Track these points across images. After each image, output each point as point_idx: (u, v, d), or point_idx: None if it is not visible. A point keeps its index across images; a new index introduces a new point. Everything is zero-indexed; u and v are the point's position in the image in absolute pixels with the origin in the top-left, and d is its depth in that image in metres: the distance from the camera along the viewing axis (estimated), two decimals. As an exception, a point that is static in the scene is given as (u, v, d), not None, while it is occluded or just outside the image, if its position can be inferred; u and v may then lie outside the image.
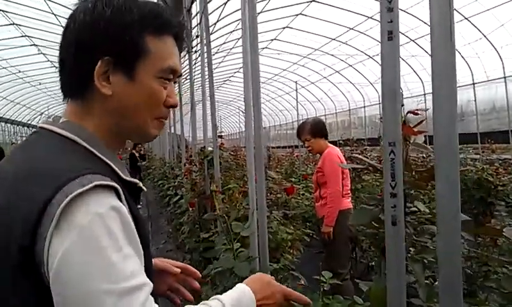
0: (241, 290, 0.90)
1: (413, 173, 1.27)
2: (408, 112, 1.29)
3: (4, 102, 24.14)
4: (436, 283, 1.44)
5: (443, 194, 0.85)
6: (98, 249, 0.65)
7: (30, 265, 0.66)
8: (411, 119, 1.36)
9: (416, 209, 1.37)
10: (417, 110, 1.28)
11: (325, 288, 1.60)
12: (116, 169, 0.79)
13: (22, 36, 14.34)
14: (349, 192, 3.76)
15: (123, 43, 0.78)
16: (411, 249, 1.35)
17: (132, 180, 0.82)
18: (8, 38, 14.10)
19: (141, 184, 0.85)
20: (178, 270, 1.07)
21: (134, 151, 11.17)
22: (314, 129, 3.81)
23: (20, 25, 13.40)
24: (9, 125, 28.43)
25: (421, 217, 1.40)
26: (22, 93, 23.30)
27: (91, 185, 0.67)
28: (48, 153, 0.75)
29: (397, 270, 1.03)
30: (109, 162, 0.78)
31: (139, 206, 1.13)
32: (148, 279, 0.70)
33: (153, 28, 0.81)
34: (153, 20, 0.81)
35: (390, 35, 1.02)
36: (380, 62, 1.03)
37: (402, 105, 1.22)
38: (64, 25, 0.82)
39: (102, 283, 0.63)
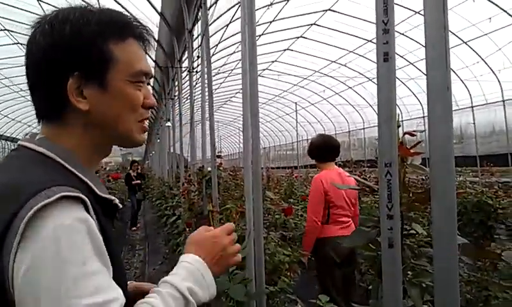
0: (185, 262, 0.85)
1: (411, 195, 1.25)
2: (405, 133, 1.28)
3: (5, 120, 24.24)
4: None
5: (439, 216, 0.83)
6: (62, 263, 0.62)
7: None
8: (409, 141, 1.35)
9: (414, 232, 1.36)
10: (414, 131, 1.28)
11: (322, 312, 1.56)
12: (92, 185, 0.78)
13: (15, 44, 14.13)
14: (343, 219, 3.33)
15: (89, 55, 0.77)
16: (409, 272, 1.32)
17: (108, 196, 0.80)
18: (12, 57, 14.08)
19: (116, 201, 0.83)
20: (149, 287, 0.98)
21: (130, 172, 11.12)
22: (309, 153, 3.66)
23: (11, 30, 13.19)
24: (9, 142, 28.51)
25: (421, 239, 1.39)
26: (23, 111, 23.35)
27: (56, 197, 0.65)
28: (20, 169, 0.74)
29: (394, 294, 1.00)
30: (84, 178, 0.77)
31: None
32: (117, 293, 0.67)
33: (114, 34, 0.80)
34: (112, 26, 0.80)
35: (385, 56, 1.02)
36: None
37: (399, 126, 1.22)
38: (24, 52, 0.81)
39: (64, 300, 0.61)
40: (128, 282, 1.00)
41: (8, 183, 0.71)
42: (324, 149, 3.49)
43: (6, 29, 13.01)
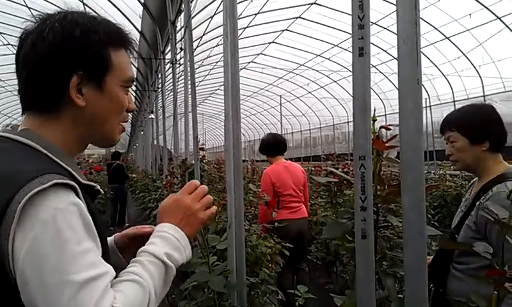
0: (158, 232, 0.90)
1: (386, 187, 1.28)
2: (381, 127, 1.30)
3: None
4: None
5: (408, 208, 0.86)
6: (61, 242, 0.69)
7: None
8: (386, 135, 1.38)
9: (388, 223, 1.38)
10: (390, 125, 1.30)
11: (300, 302, 1.59)
12: (74, 173, 0.83)
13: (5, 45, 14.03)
14: (292, 204, 3.90)
15: (94, 59, 0.85)
16: (384, 263, 1.35)
17: (89, 183, 0.87)
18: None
19: (98, 187, 0.89)
20: (150, 228, 1.05)
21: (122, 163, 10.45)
22: (260, 150, 4.24)
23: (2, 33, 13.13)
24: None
25: (400, 231, 1.41)
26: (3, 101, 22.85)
27: (50, 183, 0.71)
28: (8, 158, 0.78)
29: (367, 284, 1.03)
30: (67, 167, 0.82)
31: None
32: (108, 267, 0.76)
33: (114, 43, 0.89)
34: (115, 36, 0.90)
35: (361, 51, 1.04)
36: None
37: (375, 120, 1.24)
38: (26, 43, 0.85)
39: (66, 274, 0.68)
40: (130, 228, 1.12)
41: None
42: (272, 145, 4.09)
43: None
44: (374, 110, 1.22)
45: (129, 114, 0.97)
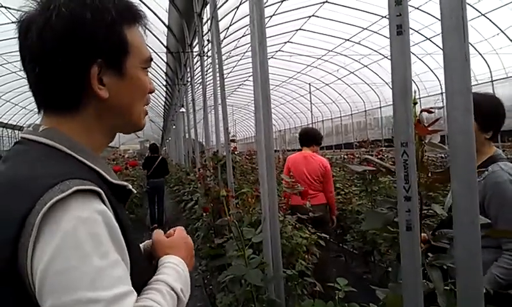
0: (171, 263, 0.86)
1: (429, 175, 1.20)
2: (422, 110, 1.22)
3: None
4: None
5: (459, 195, 0.79)
6: (83, 255, 0.62)
7: (12, 277, 0.64)
8: (427, 119, 1.29)
9: (433, 212, 1.31)
10: (432, 108, 1.22)
11: (340, 296, 1.53)
12: (103, 173, 0.76)
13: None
14: (301, 191, 3.92)
15: (110, 42, 0.76)
16: (429, 254, 1.28)
17: (121, 182, 0.79)
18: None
19: (130, 186, 0.82)
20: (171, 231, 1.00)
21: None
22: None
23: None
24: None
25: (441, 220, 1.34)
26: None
27: (71, 191, 0.64)
28: (28, 163, 0.72)
29: (413, 278, 0.96)
30: (95, 167, 0.75)
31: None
32: (131, 288, 0.68)
33: (128, 20, 0.80)
34: (127, 13, 0.80)
35: (399, 29, 0.96)
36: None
37: (416, 103, 1.16)
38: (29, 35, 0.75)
39: (88, 291, 0.61)
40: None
41: (17, 179, 0.69)
42: (300, 138, 4.62)
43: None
44: (415, 92, 1.14)
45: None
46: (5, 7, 11.82)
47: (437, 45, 15.38)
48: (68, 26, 0.73)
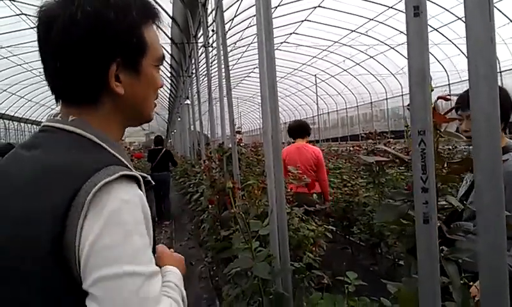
0: (171, 272, 0.89)
1: (445, 165, 1.15)
2: (438, 97, 1.17)
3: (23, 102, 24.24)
4: (472, 283, 1.33)
5: (483, 187, 0.74)
6: (126, 233, 0.68)
7: (60, 254, 0.68)
8: (440, 108, 1.24)
9: (447, 204, 1.26)
10: (449, 95, 1.16)
11: (350, 290, 1.49)
12: (127, 163, 0.81)
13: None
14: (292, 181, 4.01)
15: (130, 43, 0.80)
16: (443, 247, 1.23)
17: (143, 174, 0.83)
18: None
19: (149, 178, 0.85)
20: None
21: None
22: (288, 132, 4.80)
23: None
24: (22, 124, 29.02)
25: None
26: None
27: (117, 175, 0.70)
28: (63, 149, 0.76)
29: (430, 273, 0.92)
30: (120, 157, 0.81)
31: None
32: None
33: (145, 20, 0.83)
34: (145, 12, 0.83)
35: (416, 10, 0.91)
36: (405, 51, 0.92)
37: (432, 90, 1.11)
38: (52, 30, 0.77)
39: (131, 265, 0.66)
40: None
41: (58, 163, 0.73)
42: (292, 129, 4.76)
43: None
44: (430, 79, 1.09)
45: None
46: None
47: (444, 35, 15.19)
48: (93, 24, 0.75)
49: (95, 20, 0.75)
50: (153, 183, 0.89)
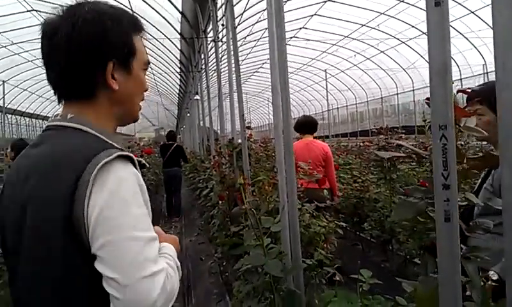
0: (166, 246, 0.98)
1: (465, 161, 1.11)
2: (458, 91, 1.13)
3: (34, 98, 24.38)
4: (489, 282, 1.29)
5: (511, 184, 0.70)
6: (127, 205, 0.81)
7: (73, 229, 0.80)
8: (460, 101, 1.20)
9: (465, 202, 1.22)
10: (469, 89, 1.12)
11: (364, 288, 1.46)
12: (121, 149, 0.93)
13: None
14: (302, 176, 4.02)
15: (124, 46, 0.95)
16: (462, 246, 1.20)
17: (138, 158, 0.97)
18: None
19: (143, 161, 1.02)
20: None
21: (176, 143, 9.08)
22: (294, 128, 4.72)
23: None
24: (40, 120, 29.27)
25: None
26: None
27: (115, 155, 0.84)
28: (67, 141, 0.90)
29: (451, 274, 0.89)
30: (117, 146, 0.93)
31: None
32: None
33: (135, 30, 0.99)
34: (135, 23, 1.00)
35: (437, 0, 0.87)
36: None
37: (452, 82, 1.07)
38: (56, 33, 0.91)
39: (132, 231, 0.80)
40: None
41: (64, 152, 0.87)
42: (300, 125, 4.77)
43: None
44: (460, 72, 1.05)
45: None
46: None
47: (456, 29, 14.95)
48: (94, 30, 0.91)
49: (95, 28, 0.91)
50: (148, 165, 0.97)
